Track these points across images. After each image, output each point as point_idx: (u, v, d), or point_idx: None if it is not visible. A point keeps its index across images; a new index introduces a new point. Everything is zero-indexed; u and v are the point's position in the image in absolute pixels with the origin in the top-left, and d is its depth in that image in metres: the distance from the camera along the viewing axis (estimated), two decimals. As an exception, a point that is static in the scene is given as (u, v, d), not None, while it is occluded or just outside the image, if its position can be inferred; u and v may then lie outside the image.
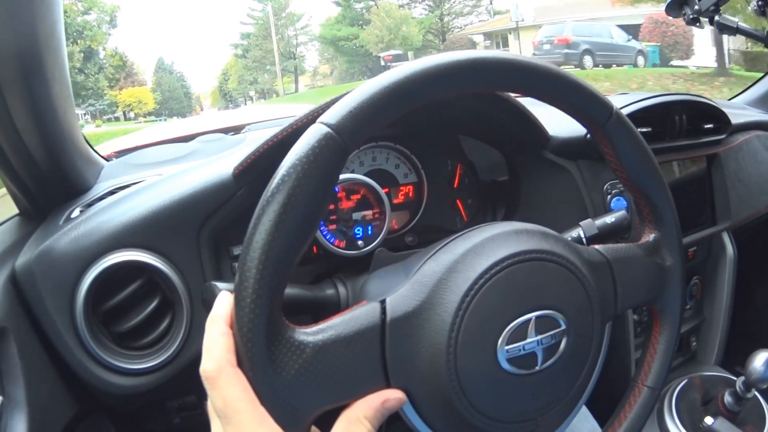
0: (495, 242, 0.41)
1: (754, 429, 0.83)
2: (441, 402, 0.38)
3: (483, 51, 0.40)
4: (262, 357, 0.34)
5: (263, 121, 1.19)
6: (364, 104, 0.36)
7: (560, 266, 0.41)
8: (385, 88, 0.36)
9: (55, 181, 0.67)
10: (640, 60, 12.55)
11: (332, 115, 0.35)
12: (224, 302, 0.37)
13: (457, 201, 0.84)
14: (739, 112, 1.15)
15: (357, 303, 0.39)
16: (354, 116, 0.35)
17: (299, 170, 0.34)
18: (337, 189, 0.71)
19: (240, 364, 0.34)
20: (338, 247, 0.70)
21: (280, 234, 0.33)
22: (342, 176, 0.69)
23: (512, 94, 0.68)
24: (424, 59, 0.38)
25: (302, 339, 0.35)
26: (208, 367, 0.35)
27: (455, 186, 0.84)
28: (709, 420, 0.81)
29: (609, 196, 0.83)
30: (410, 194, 0.81)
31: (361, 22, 19.68)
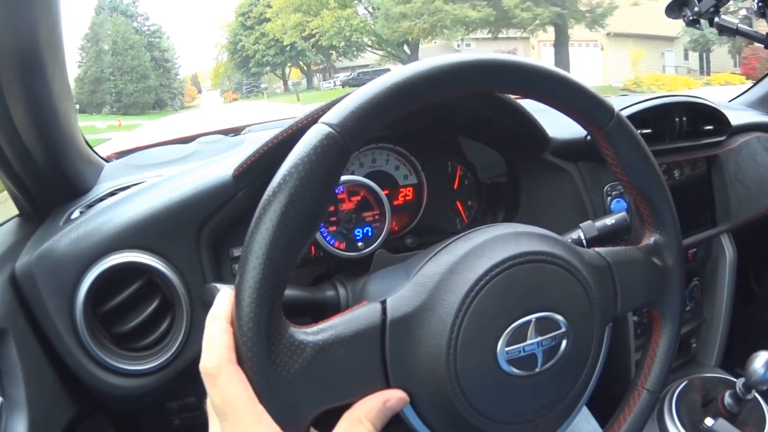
0: (495, 244, 0.41)
1: (754, 430, 0.83)
2: (441, 402, 0.38)
3: (486, 53, 0.40)
4: (262, 356, 0.34)
5: (263, 122, 1.19)
6: (366, 104, 0.36)
7: (560, 268, 0.41)
8: (387, 89, 0.36)
9: (55, 181, 0.67)
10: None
11: (334, 115, 0.35)
12: (225, 300, 0.37)
13: (458, 202, 0.84)
14: (739, 113, 1.15)
15: (357, 304, 0.39)
16: (356, 116, 0.35)
17: (301, 170, 0.34)
18: (338, 191, 0.71)
19: (240, 362, 0.34)
20: (338, 248, 0.70)
21: (281, 233, 0.33)
22: (342, 178, 0.69)
23: (512, 96, 0.68)
24: (427, 60, 0.38)
25: (302, 339, 0.35)
26: (208, 363, 0.34)
27: (455, 187, 0.84)
28: (709, 421, 0.81)
29: (609, 198, 0.83)
30: (410, 196, 0.81)
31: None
